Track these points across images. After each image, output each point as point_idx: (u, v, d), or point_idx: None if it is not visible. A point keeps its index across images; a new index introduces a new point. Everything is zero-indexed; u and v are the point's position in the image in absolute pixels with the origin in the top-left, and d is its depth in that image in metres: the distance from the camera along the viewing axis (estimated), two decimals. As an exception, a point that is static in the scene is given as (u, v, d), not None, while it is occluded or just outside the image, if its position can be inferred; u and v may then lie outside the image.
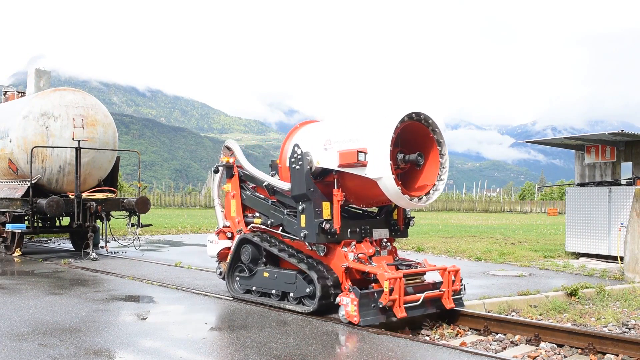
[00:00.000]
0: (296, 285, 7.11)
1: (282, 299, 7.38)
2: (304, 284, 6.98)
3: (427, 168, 7.05)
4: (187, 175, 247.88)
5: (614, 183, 13.62)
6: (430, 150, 7.02)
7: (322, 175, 7.11)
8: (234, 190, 8.43)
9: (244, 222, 8.28)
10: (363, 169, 6.57)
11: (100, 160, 13.74)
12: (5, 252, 13.71)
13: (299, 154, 7.07)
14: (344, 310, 6.45)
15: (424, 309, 6.83)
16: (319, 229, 6.86)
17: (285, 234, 7.58)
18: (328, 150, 6.97)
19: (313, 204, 6.91)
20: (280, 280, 7.35)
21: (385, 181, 6.47)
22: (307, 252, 7.34)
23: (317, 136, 7.29)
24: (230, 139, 8.75)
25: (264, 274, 7.56)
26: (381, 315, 6.45)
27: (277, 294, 7.39)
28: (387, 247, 7.41)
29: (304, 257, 7.22)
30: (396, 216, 7.66)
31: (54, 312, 7.06)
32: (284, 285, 7.31)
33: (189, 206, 72.69)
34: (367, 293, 6.44)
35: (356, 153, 6.49)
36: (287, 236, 7.57)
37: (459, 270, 7.20)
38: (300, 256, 7.23)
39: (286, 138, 7.99)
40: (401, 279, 6.47)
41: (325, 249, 7.08)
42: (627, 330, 7.04)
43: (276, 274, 7.44)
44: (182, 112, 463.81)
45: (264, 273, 7.57)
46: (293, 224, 7.32)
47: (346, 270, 6.84)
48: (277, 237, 7.74)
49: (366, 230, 7.27)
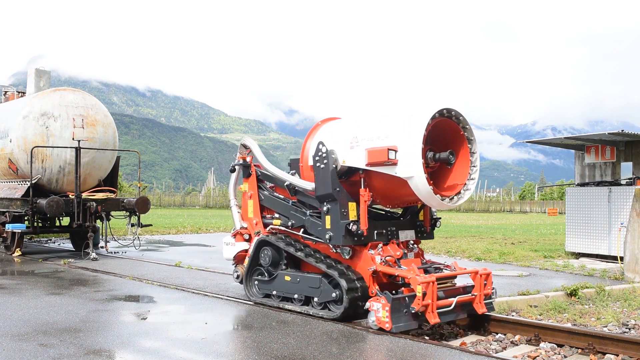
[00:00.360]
0: (321, 289, 6.79)
1: (305, 303, 7.07)
2: (330, 289, 6.67)
3: (457, 167, 6.75)
4: (187, 175, 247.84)
5: (614, 183, 13.62)
6: (460, 148, 6.74)
7: (347, 174, 6.84)
8: (252, 190, 8.12)
9: (262, 223, 7.97)
10: (393, 168, 6.30)
11: (100, 160, 13.74)
12: (5, 252, 13.70)
13: (324, 152, 6.76)
14: (375, 316, 6.15)
15: (455, 314, 6.52)
16: (345, 231, 6.56)
17: (307, 236, 7.27)
18: (355, 148, 6.68)
19: (339, 205, 6.62)
20: (304, 284, 7.00)
21: (417, 180, 6.21)
22: (331, 255, 7.03)
23: (342, 133, 6.99)
24: (247, 136, 8.57)
25: (286, 277, 7.22)
26: (413, 321, 6.19)
27: (299, 298, 7.08)
28: (413, 250, 7.12)
29: (332, 261, 6.88)
30: (422, 217, 7.40)
31: (54, 312, 7.06)
32: (307, 290, 6.96)
33: (189, 206, 72.67)
34: (398, 298, 6.14)
35: (386, 151, 6.22)
36: (308, 238, 7.28)
37: (491, 274, 6.91)
38: (329, 261, 6.88)
39: (307, 136, 7.67)
40: (434, 283, 6.16)
41: (351, 252, 6.77)
42: (627, 330, 7.04)
43: (299, 277, 7.08)
44: (182, 112, 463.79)
45: (286, 277, 7.23)
46: (317, 226, 7.00)
47: (373, 274, 6.56)
48: (298, 239, 7.43)
49: (392, 232, 6.99)
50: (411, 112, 6.50)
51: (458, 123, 6.67)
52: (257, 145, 8.31)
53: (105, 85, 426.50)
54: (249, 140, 8.38)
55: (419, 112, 6.38)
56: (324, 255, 7.08)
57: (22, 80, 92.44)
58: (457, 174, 6.78)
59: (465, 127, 6.72)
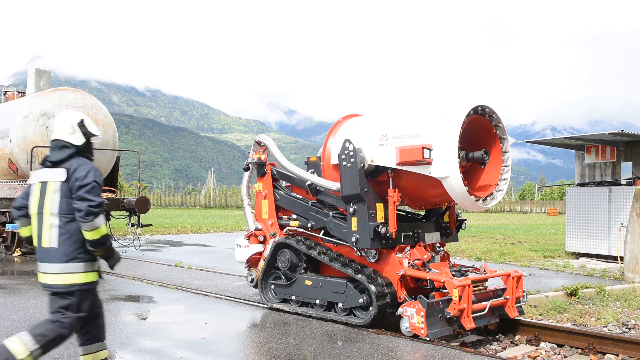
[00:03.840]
0: (346, 294, 6.48)
1: (328, 309, 6.78)
2: (356, 294, 6.37)
3: (489, 166, 6.50)
4: (187, 175, 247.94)
5: (614, 183, 13.62)
6: (492, 147, 6.49)
7: (373, 173, 6.55)
8: (266, 190, 7.77)
9: (278, 224, 7.68)
10: (427, 168, 6.01)
11: (100, 160, 13.72)
12: (5, 252, 13.71)
13: (351, 150, 6.42)
14: (408, 322, 5.89)
15: (487, 318, 6.30)
16: (374, 233, 6.25)
17: (328, 238, 6.98)
18: (384, 146, 6.36)
19: (366, 206, 6.30)
20: (327, 289, 6.66)
21: (452, 180, 5.94)
22: (355, 259, 6.73)
23: (370, 131, 6.66)
24: (262, 134, 8.36)
25: (306, 282, 6.88)
26: (448, 326, 5.94)
27: (321, 304, 6.76)
28: (439, 252, 6.82)
29: (358, 265, 6.59)
30: (447, 219, 7.14)
31: (54, 312, 7.04)
32: (330, 295, 6.65)
33: (189, 206, 72.67)
34: (432, 303, 5.88)
35: (421, 149, 5.90)
36: (329, 240, 7.00)
37: (522, 276, 6.69)
38: (355, 265, 6.58)
39: (329, 133, 7.36)
40: (470, 287, 5.91)
41: (377, 255, 6.46)
42: (627, 330, 7.04)
43: (321, 282, 6.75)
44: (182, 112, 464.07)
45: (306, 281, 6.89)
46: (341, 228, 6.68)
47: (401, 278, 6.32)
48: (318, 242, 7.12)
49: (419, 234, 6.73)
50: (445, 109, 6.22)
51: (491, 121, 6.45)
52: (273, 142, 8.00)
53: (104, 85, 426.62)
54: (264, 137, 8.04)
55: (453, 109, 6.12)
56: (348, 259, 6.79)
57: (22, 80, 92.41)
58: (489, 174, 6.54)
59: (498, 126, 6.50)
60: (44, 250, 4.11)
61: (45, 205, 4.10)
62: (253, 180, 8.17)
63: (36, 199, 4.16)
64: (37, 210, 4.14)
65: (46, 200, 4.10)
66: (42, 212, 4.11)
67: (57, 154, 4.21)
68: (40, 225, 4.12)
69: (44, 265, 4.12)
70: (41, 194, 4.14)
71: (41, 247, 4.13)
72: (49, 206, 4.08)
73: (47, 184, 4.13)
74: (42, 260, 4.14)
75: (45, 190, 4.13)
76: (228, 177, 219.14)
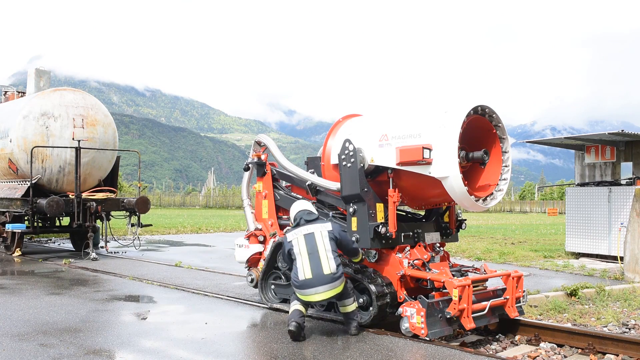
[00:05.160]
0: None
1: (327, 309, 6.76)
2: (356, 294, 6.37)
3: (489, 166, 6.50)
4: (187, 175, 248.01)
5: (614, 183, 13.63)
6: (492, 147, 6.49)
7: (373, 173, 6.56)
8: (266, 190, 7.77)
9: (278, 224, 7.69)
10: (427, 168, 6.02)
11: (100, 160, 13.75)
12: (5, 252, 13.70)
13: (351, 150, 6.44)
14: (408, 322, 5.89)
15: (487, 318, 6.30)
16: (374, 233, 6.27)
17: None
18: (384, 146, 6.37)
19: (366, 206, 6.33)
20: None
21: (452, 180, 5.95)
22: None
23: (370, 131, 6.66)
24: (262, 134, 8.32)
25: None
26: (448, 326, 5.93)
27: (321, 304, 6.69)
28: (439, 252, 6.83)
29: (358, 265, 6.57)
30: (447, 219, 7.14)
31: (54, 312, 7.06)
32: None
33: (189, 206, 72.70)
34: (432, 303, 5.88)
35: (421, 149, 5.91)
36: None
37: (522, 276, 6.68)
38: (355, 265, 6.56)
39: (329, 133, 7.35)
40: (470, 287, 5.91)
41: (377, 255, 6.49)
42: (627, 330, 7.04)
43: None
44: (182, 112, 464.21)
45: None
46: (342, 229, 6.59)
47: (401, 278, 6.32)
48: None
49: (418, 234, 6.73)
50: (445, 109, 6.21)
51: (491, 121, 6.45)
52: (273, 142, 8.00)
53: (104, 84, 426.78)
54: (264, 137, 8.04)
55: (453, 109, 6.12)
56: (348, 259, 6.76)
57: (22, 80, 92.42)
58: (489, 174, 6.54)
59: (498, 126, 6.50)
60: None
61: None
62: (253, 180, 8.16)
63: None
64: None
65: None
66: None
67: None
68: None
69: None
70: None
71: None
72: None
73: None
74: None
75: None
76: (228, 177, 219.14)
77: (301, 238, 6.06)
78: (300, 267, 5.95)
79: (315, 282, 5.86)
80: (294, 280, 6.02)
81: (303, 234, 6.08)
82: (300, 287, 5.93)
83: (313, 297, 5.89)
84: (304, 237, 6.05)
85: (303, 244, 6.03)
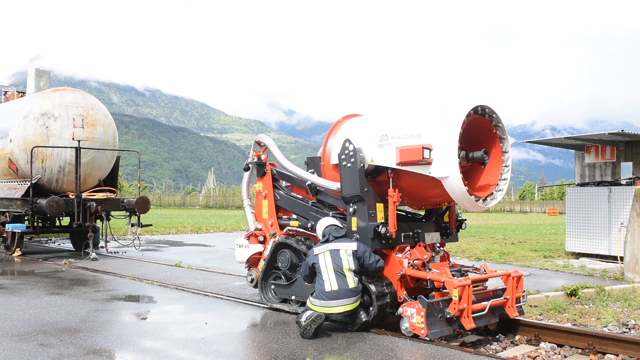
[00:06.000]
0: None
1: None
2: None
3: (489, 166, 6.50)
4: (187, 175, 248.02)
5: (614, 183, 13.63)
6: (492, 147, 6.49)
7: (373, 173, 6.56)
8: (266, 190, 7.76)
9: (278, 224, 7.68)
10: (427, 168, 6.02)
11: (100, 160, 13.75)
12: (5, 252, 13.70)
13: (351, 150, 6.45)
14: (408, 322, 5.90)
15: (487, 318, 6.30)
16: (374, 233, 6.29)
17: None
18: (384, 146, 6.38)
19: (366, 206, 6.34)
20: None
21: (452, 180, 5.95)
22: None
23: (370, 131, 6.66)
24: (262, 134, 8.29)
25: (306, 282, 6.80)
26: (448, 326, 5.93)
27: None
28: (439, 252, 6.82)
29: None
30: (447, 219, 7.15)
31: (54, 312, 7.06)
32: None
33: (189, 206, 72.69)
34: (432, 303, 5.88)
35: (421, 149, 5.91)
36: None
37: (522, 276, 6.69)
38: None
39: (329, 133, 7.35)
40: (470, 287, 5.91)
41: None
42: (627, 330, 7.04)
43: None
44: (182, 112, 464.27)
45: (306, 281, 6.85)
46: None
47: (401, 278, 6.32)
48: (317, 242, 6.92)
49: (418, 234, 6.73)
50: (445, 108, 6.21)
51: (491, 121, 6.45)
52: (273, 142, 7.99)
53: (104, 84, 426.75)
54: (264, 137, 8.03)
55: (453, 109, 6.12)
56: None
57: (22, 80, 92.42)
58: (489, 174, 6.55)
59: (498, 125, 6.50)
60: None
61: None
62: (253, 180, 8.15)
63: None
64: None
65: None
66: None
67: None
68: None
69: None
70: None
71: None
72: None
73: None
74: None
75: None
76: (228, 177, 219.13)
77: (327, 254, 6.24)
78: (326, 279, 6.13)
79: (341, 295, 6.07)
80: (319, 292, 6.15)
81: (329, 249, 6.26)
82: (325, 298, 6.09)
83: (337, 308, 6.07)
84: (330, 253, 6.24)
85: (329, 259, 6.21)
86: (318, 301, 6.12)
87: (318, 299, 6.13)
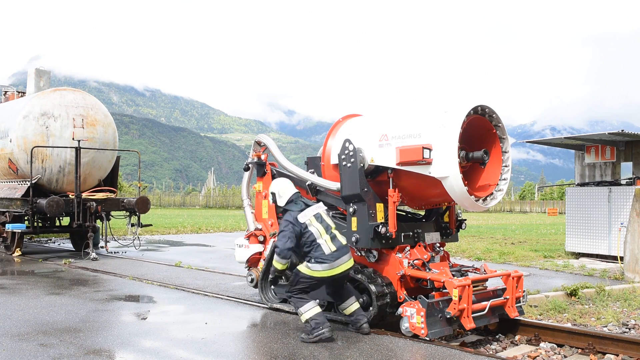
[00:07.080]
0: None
1: (327, 309, 6.74)
2: (356, 294, 6.34)
3: (488, 166, 6.50)
4: (187, 175, 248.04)
5: (614, 183, 13.63)
6: (492, 147, 6.49)
7: (373, 173, 6.57)
8: (266, 190, 7.63)
9: (278, 224, 7.43)
10: (427, 168, 6.02)
11: (100, 160, 13.74)
12: (5, 252, 13.70)
13: (351, 150, 6.46)
14: (408, 322, 5.89)
15: (487, 318, 6.30)
16: (374, 233, 6.27)
17: None
18: (384, 146, 6.38)
19: (366, 206, 6.34)
20: (326, 289, 6.49)
21: (452, 180, 5.95)
22: (355, 259, 6.57)
23: (370, 131, 6.67)
24: (262, 134, 8.28)
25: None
26: (448, 326, 5.93)
27: (321, 304, 6.64)
28: (439, 252, 6.82)
29: (358, 265, 6.54)
30: (447, 219, 7.15)
31: (54, 312, 7.06)
32: (330, 295, 6.53)
33: (189, 206, 72.68)
34: (432, 303, 5.88)
35: (421, 149, 5.91)
36: None
37: (522, 276, 6.69)
38: (355, 265, 6.46)
39: (329, 133, 7.37)
40: (470, 287, 5.91)
41: (377, 255, 6.50)
42: (627, 330, 7.04)
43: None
44: (182, 112, 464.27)
45: None
46: (341, 228, 6.58)
47: (401, 278, 6.32)
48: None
49: (418, 234, 6.73)
50: (444, 108, 6.21)
51: (491, 121, 6.44)
52: (273, 142, 7.97)
53: (104, 84, 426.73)
54: (264, 137, 8.01)
55: (453, 109, 6.11)
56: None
57: (22, 80, 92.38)
58: (489, 174, 6.55)
59: (498, 125, 6.50)
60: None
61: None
62: (253, 180, 8.16)
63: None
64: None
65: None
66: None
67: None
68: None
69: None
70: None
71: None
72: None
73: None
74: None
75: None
76: (228, 177, 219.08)
77: (312, 219, 6.12)
78: (323, 243, 5.99)
79: (341, 253, 6.01)
80: (319, 257, 5.93)
81: (312, 214, 6.15)
82: (328, 260, 5.92)
83: (340, 267, 5.97)
84: (315, 218, 6.13)
85: (318, 223, 6.09)
86: (320, 265, 5.92)
87: (319, 263, 5.92)
